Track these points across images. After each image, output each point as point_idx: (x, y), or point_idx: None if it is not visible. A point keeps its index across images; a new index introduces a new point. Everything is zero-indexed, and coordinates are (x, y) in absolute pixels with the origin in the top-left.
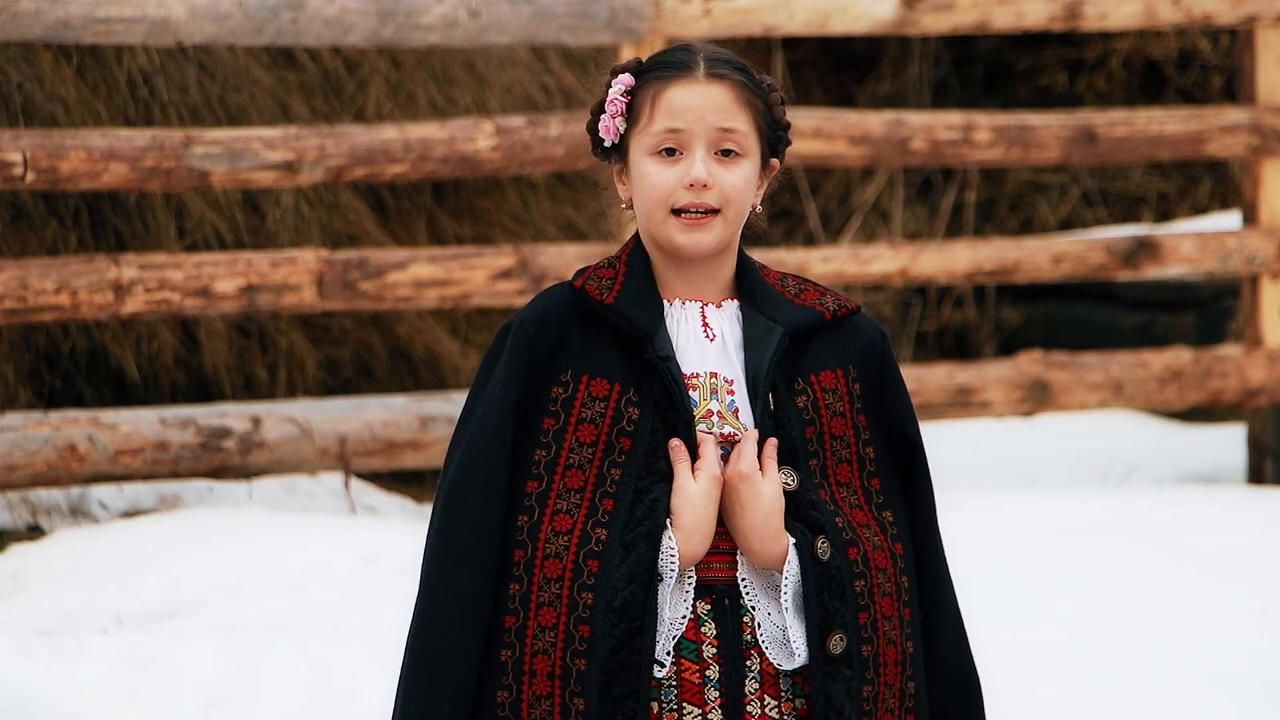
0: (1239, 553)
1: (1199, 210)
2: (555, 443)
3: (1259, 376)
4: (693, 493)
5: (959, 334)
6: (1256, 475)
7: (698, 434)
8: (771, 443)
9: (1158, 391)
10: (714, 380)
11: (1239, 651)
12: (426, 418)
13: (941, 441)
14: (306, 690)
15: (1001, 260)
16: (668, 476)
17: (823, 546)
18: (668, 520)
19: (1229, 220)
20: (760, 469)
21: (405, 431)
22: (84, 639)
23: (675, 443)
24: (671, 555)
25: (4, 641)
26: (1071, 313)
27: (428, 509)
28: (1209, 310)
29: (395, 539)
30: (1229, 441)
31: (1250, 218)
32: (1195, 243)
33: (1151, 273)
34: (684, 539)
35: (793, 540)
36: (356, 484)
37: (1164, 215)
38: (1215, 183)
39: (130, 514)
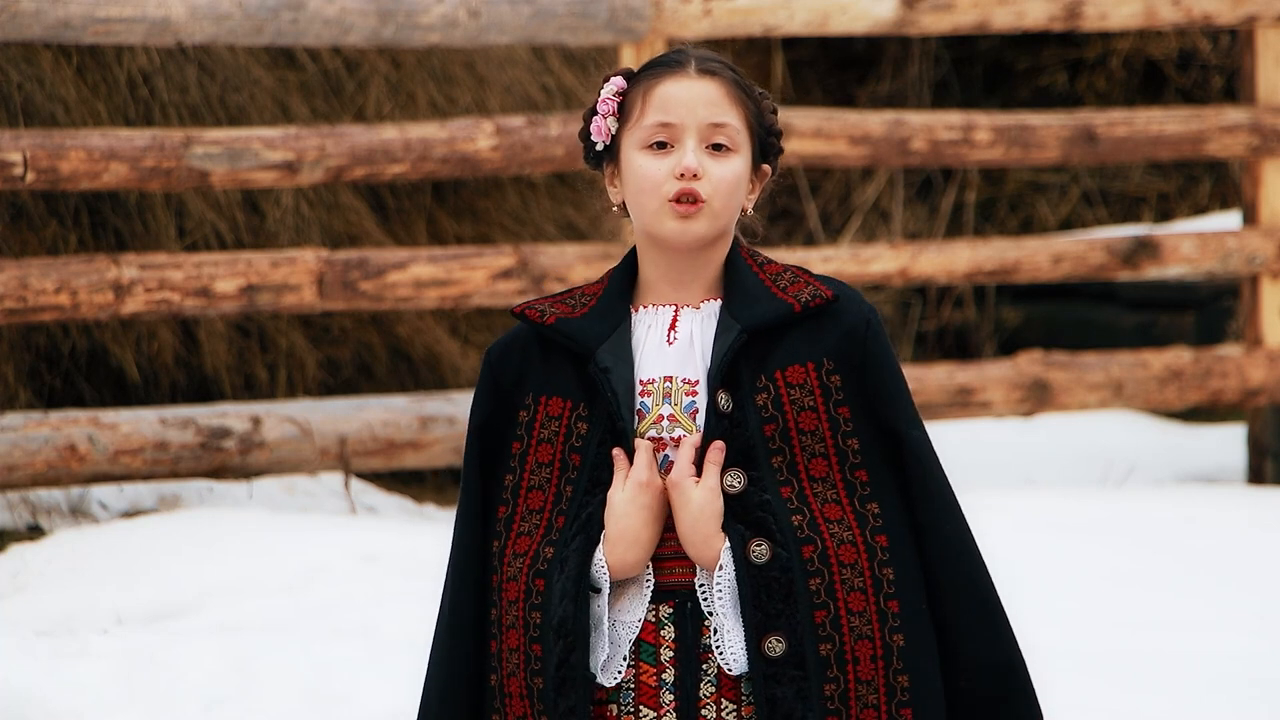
0: (1239, 553)
1: (1199, 210)
2: (520, 466)
3: (1259, 376)
4: (616, 502)
5: (959, 334)
6: (1256, 475)
7: (635, 441)
8: (716, 446)
9: (1158, 391)
10: (668, 384)
11: (1239, 652)
12: (426, 418)
13: (942, 441)
14: (306, 690)
15: (1001, 260)
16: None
17: (758, 549)
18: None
19: (1229, 220)
20: (699, 473)
21: (405, 431)
22: (84, 639)
23: (616, 451)
24: (601, 567)
25: (4, 641)
26: (1071, 313)
27: (428, 509)
28: (1209, 310)
29: (395, 539)
30: (1229, 441)
31: (1250, 218)
32: (1195, 243)
33: (1151, 273)
34: (609, 549)
35: (726, 544)
36: (356, 484)
37: (1164, 215)
38: (1215, 183)
39: (130, 514)
